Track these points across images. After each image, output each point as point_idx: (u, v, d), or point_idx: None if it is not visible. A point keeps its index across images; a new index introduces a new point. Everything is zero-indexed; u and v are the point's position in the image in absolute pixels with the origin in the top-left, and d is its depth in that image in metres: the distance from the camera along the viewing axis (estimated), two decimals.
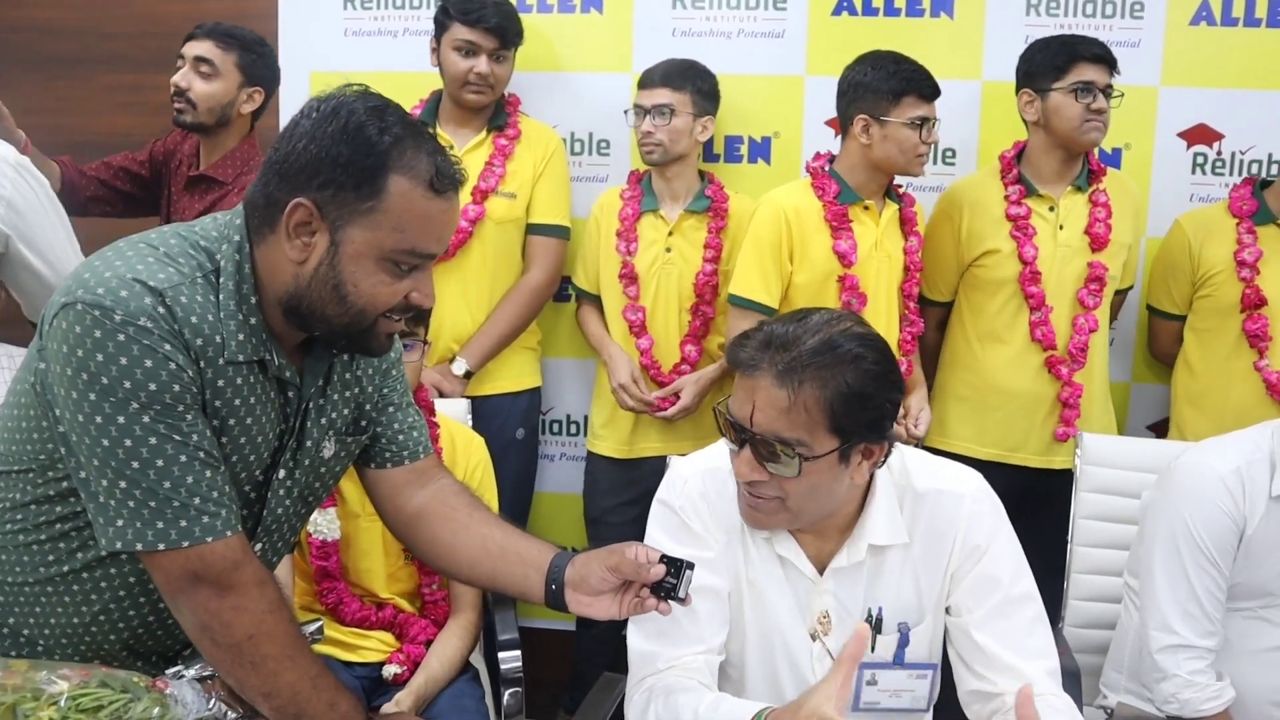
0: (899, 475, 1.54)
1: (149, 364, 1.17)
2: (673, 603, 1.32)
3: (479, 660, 2.17)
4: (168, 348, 1.18)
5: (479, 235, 2.62)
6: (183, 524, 1.20)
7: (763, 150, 2.83)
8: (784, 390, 1.37)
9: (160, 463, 1.18)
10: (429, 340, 2.17)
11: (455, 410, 2.34)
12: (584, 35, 2.83)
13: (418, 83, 2.73)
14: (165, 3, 2.96)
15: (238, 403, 1.26)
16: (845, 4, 2.75)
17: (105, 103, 3.01)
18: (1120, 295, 2.66)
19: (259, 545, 1.38)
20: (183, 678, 1.25)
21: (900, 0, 2.73)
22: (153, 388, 1.17)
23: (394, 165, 1.20)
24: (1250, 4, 2.65)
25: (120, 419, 1.17)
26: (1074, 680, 1.94)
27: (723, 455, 1.54)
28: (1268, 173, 2.68)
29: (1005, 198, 2.50)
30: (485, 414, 2.57)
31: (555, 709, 2.90)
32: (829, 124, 2.72)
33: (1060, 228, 2.49)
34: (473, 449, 2.15)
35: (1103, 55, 2.40)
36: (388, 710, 1.81)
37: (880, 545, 1.51)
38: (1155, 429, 2.79)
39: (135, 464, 1.18)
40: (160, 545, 1.20)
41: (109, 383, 1.16)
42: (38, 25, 3.03)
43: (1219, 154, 2.71)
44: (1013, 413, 2.52)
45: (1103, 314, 2.51)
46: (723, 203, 2.63)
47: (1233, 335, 2.47)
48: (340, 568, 2.01)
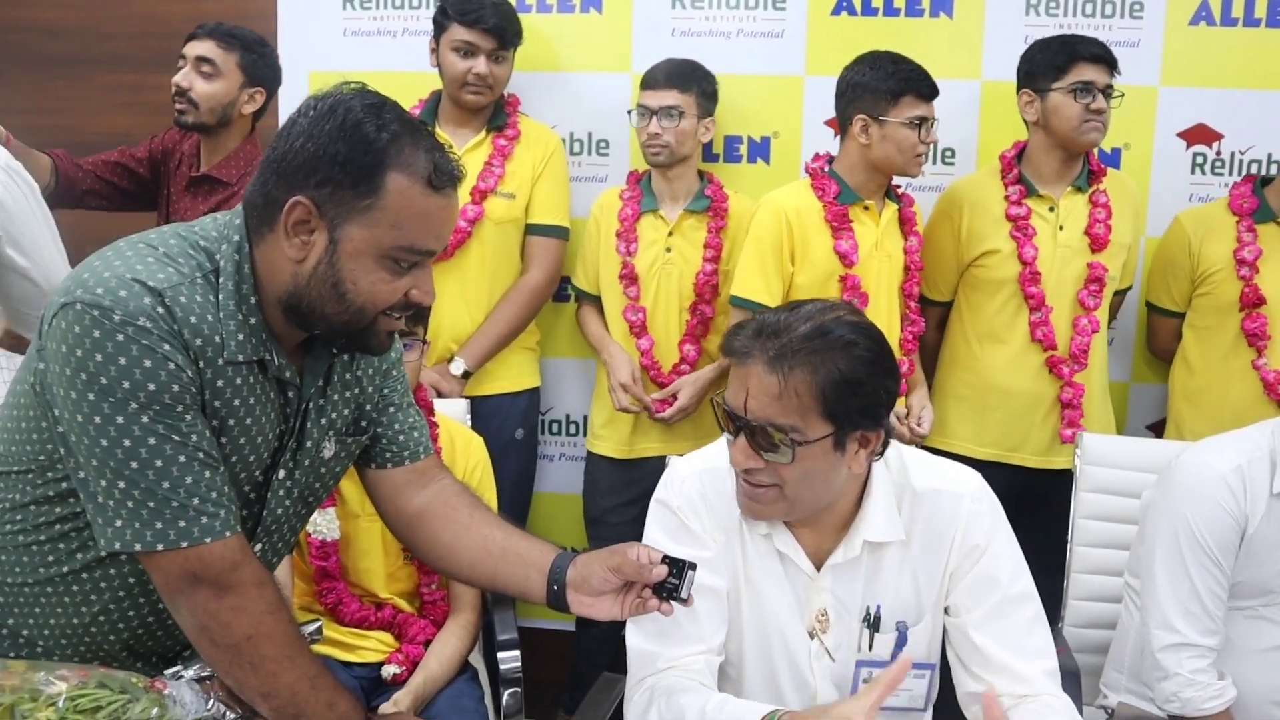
0: (897, 473, 1.54)
1: (148, 364, 1.16)
2: (674, 603, 1.32)
3: (478, 660, 2.17)
4: (167, 348, 1.17)
5: (478, 235, 2.62)
6: (181, 524, 1.20)
7: (762, 150, 2.83)
8: (775, 376, 1.37)
9: (159, 463, 1.18)
10: (428, 340, 2.17)
11: (454, 410, 2.34)
12: (583, 35, 2.83)
13: (417, 83, 2.73)
14: (165, 3, 2.96)
15: (237, 403, 1.26)
16: (844, 4, 2.75)
17: (105, 103, 3.01)
18: (1120, 295, 2.66)
19: (259, 546, 1.38)
20: (181, 678, 1.25)
21: (900, 0, 2.73)
22: (152, 388, 1.17)
23: (392, 162, 1.20)
24: (1250, 4, 2.65)
25: (119, 419, 1.17)
26: (1074, 680, 1.94)
27: (720, 455, 1.54)
28: (1267, 173, 2.67)
29: (1005, 198, 2.50)
30: (484, 414, 2.56)
31: (555, 709, 2.89)
32: (828, 124, 2.72)
33: (1060, 228, 2.48)
34: (472, 449, 2.15)
35: (1103, 55, 2.40)
36: (386, 710, 1.80)
37: (877, 542, 1.51)
38: (1154, 429, 2.79)
39: (134, 464, 1.18)
40: (159, 545, 1.20)
41: (108, 382, 1.16)
42: (38, 25, 3.03)
43: (1218, 154, 2.71)
44: (1012, 413, 2.52)
45: (1102, 314, 2.51)
46: (722, 203, 2.63)
47: (1231, 333, 2.47)
48: (340, 568, 2.01)
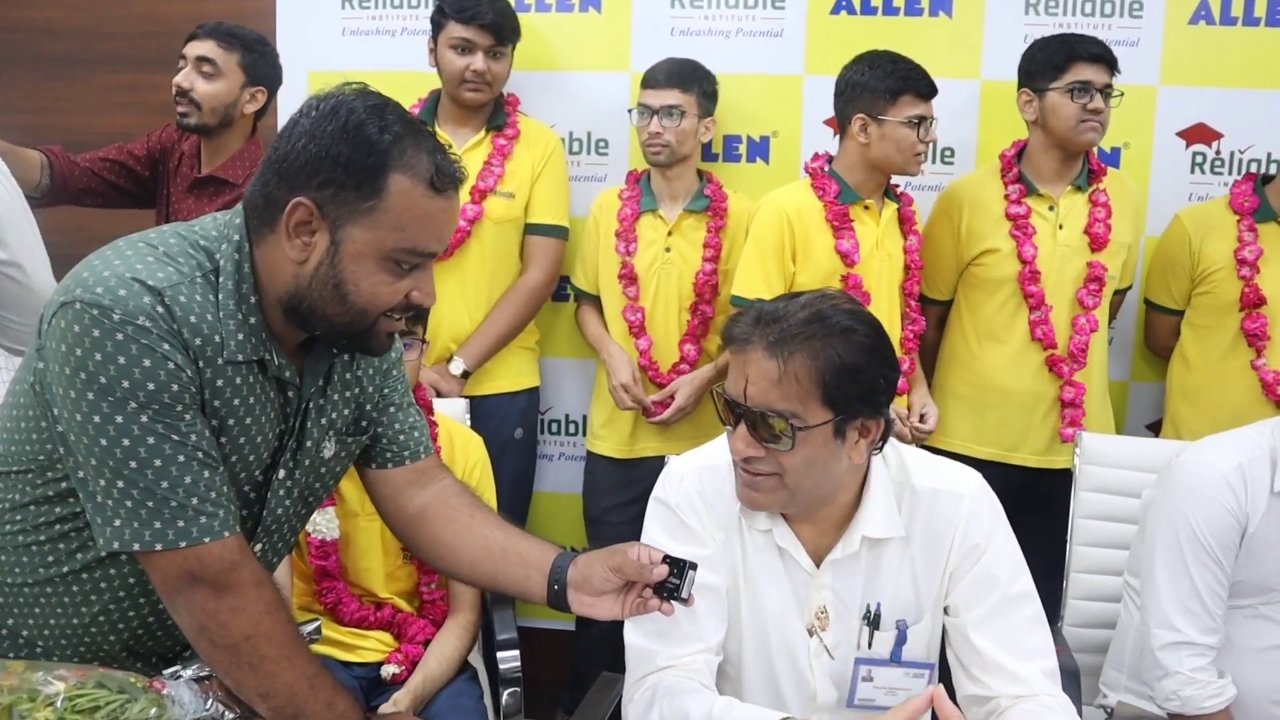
0: (897, 472, 1.54)
1: (147, 363, 1.16)
2: (675, 603, 1.32)
3: (477, 660, 2.17)
4: (166, 347, 1.17)
5: (477, 235, 2.62)
6: (180, 524, 1.20)
7: (761, 149, 2.82)
8: (774, 361, 1.37)
9: (158, 462, 1.18)
10: (427, 339, 2.17)
11: (453, 410, 2.34)
12: (583, 34, 2.82)
13: (416, 82, 2.73)
14: (164, 2, 2.96)
15: (237, 403, 1.26)
16: (844, 3, 2.74)
17: (104, 102, 3.01)
18: (1120, 295, 2.65)
19: (259, 546, 1.38)
20: (180, 678, 1.25)
21: (899, 0, 2.73)
22: (151, 387, 1.17)
23: (394, 164, 1.20)
24: (1249, 3, 2.65)
25: (118, 418, 1.17)
26: (1073, 680, 1.94)
27: (720, 453, 1.54)
28: (1267, 172, 2.67)
29: (1005, 196, 2.50)
30: (483, 414, 2.56)
31: (554, 709, 2.89)
32: (827, 123, 2.72)
33: (1060, 227, 2.48)
34: (471, 448, 2.15)
35: (1102, 55, 2.39)
36: (385, 710, 1.80)
37: (876, 538, 1.51)
38: (1154, 428, 2.78)
39: (133, 463, 1.18)
40: (157, 545, 1.20)
41: (107, 382, 1.16)
42: (37, 25, 3.03)
43: (1218, 153, 2.70)
44: (1011, 412, 2.51)
45: (1102, 314, 2.51)
46: (722, 202, 2.63)
47: (1231, 332, 2.46)
48: (339, 567, 2.01)
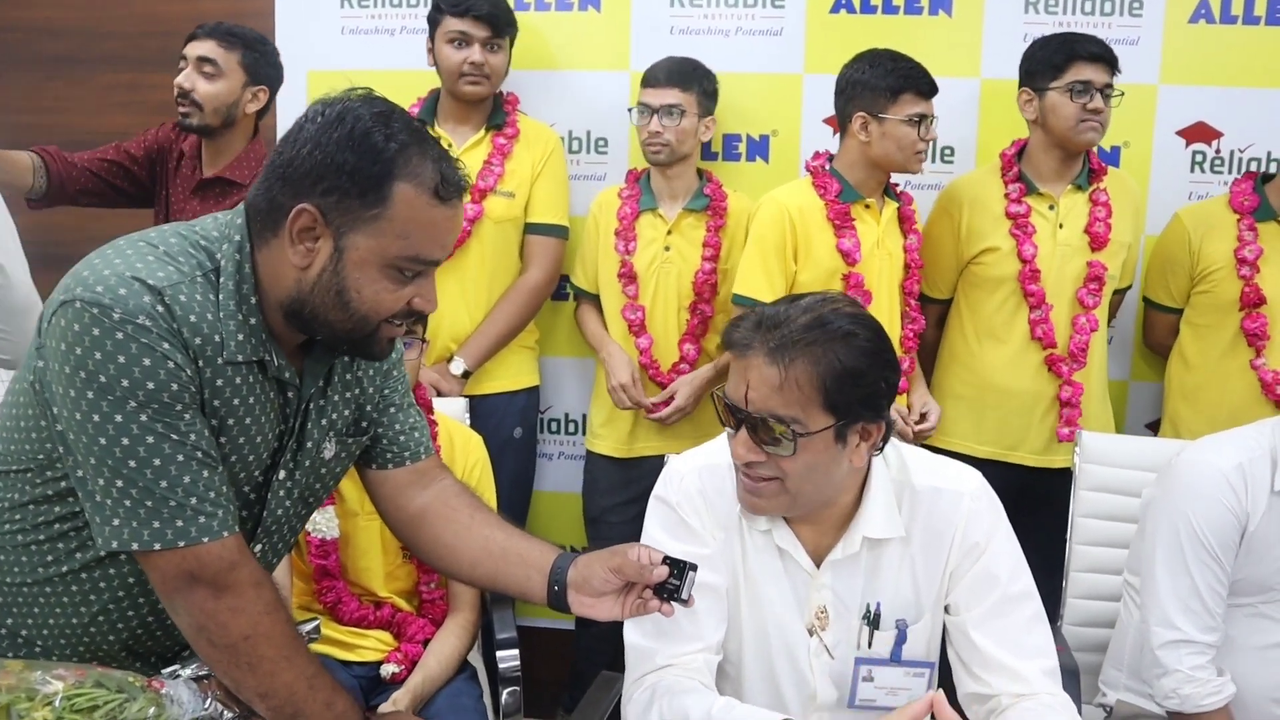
0: (897, 471, 1.54)
1: (147, 362, 1.16)
2: (675, 603, 1.32)
3: (477, 659, 2.17)
4: (166, 346, 1.17)
5: (477, 234, 2.62)
6: (179, 524, 1.20)
7: (761, 148, 2.82)
8: (776, 367, 1.37)
9: (157, 462, 1.18)
10: (427, 339, 2.17)
11: (453, 409, 2.34)
12: (582, 33, 2.82)
13: (415, 81, 2.73)
14: (164, 2, 2.96)
15: (237, 403, 1.26)
16: (843, 2, 2.74)
17: (103, 102, 3.01)
18: (1119, 294, 2.65)
19: (259, 546, 1.38)
20: (178, 677, 1.25)
21: None
22: (150, 386, 1.17)
23: (399, 172, 1.20)
24: (1249, 2, 2.65)
25: (117, 417, 1.17)
26: (1073, 678, 1.94)
27: (720, 452, 1.54)
28: (1267, 170, 2.67)
29: (1005, 195, 2.50)
30: (483, 413, 2.56)
31: (554, 708, 2.89)
32: (827, 122, 2.72)
33: (1060, 226, 2.48)
34: (471, 448, 2.15)
35: (1102, 55, 2.39)
36: (385, 709, 1.80)
37: (877, 538, 1.51)
38: (1153, 428, 2.78)
39: (132, 463, 1.18)
40: (156, 545, 1.20)
41: (106, 381, 1.16)
42: (36, 24, 3.02)
43: (1218, 152, 2.70)
44: (1011, 411, 2.51)
45: (1102, 313, 2.51)
46: (721, 201, 2.63)
47: (1230, 332, 2.46)
48: (339, 566, 2.01)
